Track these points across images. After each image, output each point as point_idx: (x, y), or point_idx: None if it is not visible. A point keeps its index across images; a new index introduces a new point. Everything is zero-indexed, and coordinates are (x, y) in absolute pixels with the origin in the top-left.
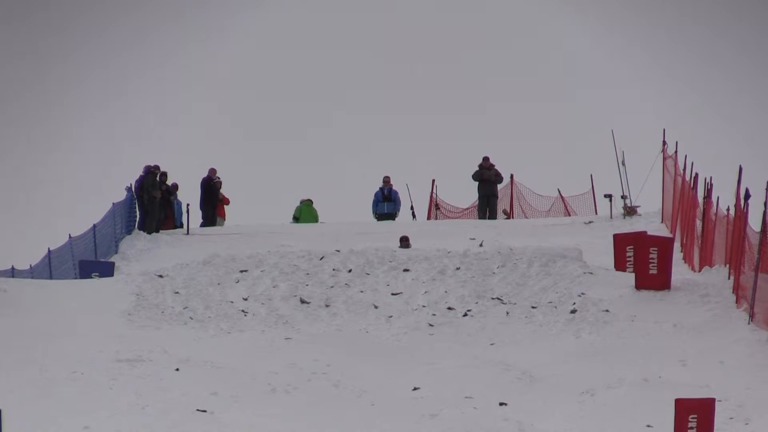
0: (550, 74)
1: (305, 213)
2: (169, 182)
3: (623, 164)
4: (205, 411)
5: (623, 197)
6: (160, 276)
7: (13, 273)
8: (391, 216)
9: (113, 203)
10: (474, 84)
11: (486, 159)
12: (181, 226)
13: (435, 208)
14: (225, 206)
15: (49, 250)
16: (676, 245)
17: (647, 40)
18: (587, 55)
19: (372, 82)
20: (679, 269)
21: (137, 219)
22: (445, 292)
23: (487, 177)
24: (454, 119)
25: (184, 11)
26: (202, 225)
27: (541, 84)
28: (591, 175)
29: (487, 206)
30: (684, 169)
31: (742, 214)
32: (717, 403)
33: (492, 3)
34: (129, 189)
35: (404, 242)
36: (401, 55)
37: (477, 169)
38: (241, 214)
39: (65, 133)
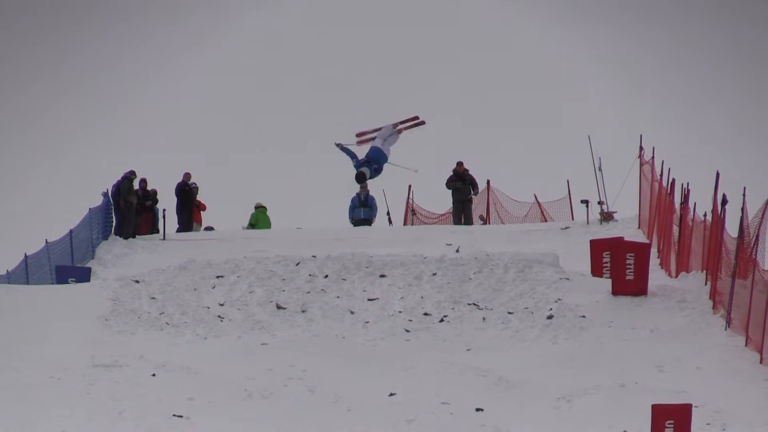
0: (528, 80)
1: (261, 220)
2: (149, 188)
3: (600, 170)
4: (181, 416)
5: (600, 203)
6: (137, 281)
7: None
8: (368, 221)
9: (90, 208)
10: (449, 90)
11: (460, 164)
12: (158, 231)
13: (411, 214)
14: (201, 212)
15: (25, 256)
16: (653, 251)
17: (623, 46)
18: (563, 60)
19: (346, 86)
20: (656, 275)
21: (114, 224)
22: (422, 297)
23: (459, 189)
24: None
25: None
26: (179, 230)
27: (519, 90)
28: (567, 181)
29: (462, 212)
30: (661, 175)
31: (719, 220)
32: (694, 409)
33: (467, 12)
34: (105, 194)
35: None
36: (376, 60)
37: (451, 173)
38: (219, 220)
39: (42, 138)
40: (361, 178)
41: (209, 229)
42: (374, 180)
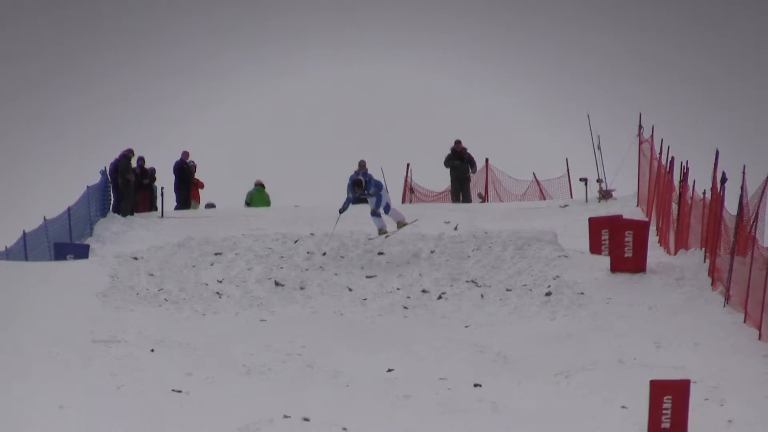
0: (527, 57)
1: (256, 198)
2: (147, 166)
3: (599, 148)
4: (180, 392)
5: (599, 181)
6: (135, 258)
7: None
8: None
9: (88, 186)
10: (450, 68)
11: (458, 142)
12: (156, 209)
13: (409, 192)
14: (200, 189)
15: (24, 233)
16: (652, 229)
17: (624, 22)
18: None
19: (347, 65)
20: (655, 252)
21: (112, 202)
22: (420, 275)
23: (457, 167)
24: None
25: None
26: (177, 209)
27: (518, 67)
28: (566, 159)
29: (460, 190)
30: (660, 153)
31: (718, 198)
32: (692, 385)
33: None
34: (103, 172)
35: (357, 188)
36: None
37: (449, 152)
38: (218, 198)
39: (40, 115)
40: (358, 184)
41: (211, 206)
42: (372, 157)
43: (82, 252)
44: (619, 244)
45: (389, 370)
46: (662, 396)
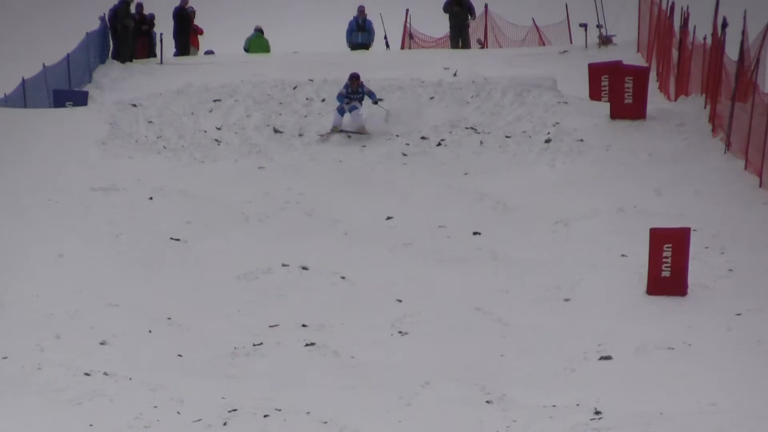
0: None
1: (254, 44)
2: (146, 12)
3: None
4: (178, 239)
5: (598, 27)
6: (134, 105)
7: None
8: (365, 46)
9: (87, 33)
10: None
11: None
12: (155, 56)
13: (409, 38)
14: (199, 36)
15: (23, 80)
16: (652, 75)
17: None
18: None
19: None
20: (655, 99)
21: (111, 48)
22: (419, 121)
23: (456, 13)
24: None
25: None
26: (176, 55)
27: None
28: (566, 5)
29: (459, 36)
30: None
31: (719, 43)
32: (692, 233)
33: None
34: (102, 18)
35: (355, 80)
36: None
37: None
38: (217, 45)
39: None
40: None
41: (209, 53)
42: (371, 4)
43: (80, 99)
44: (619, 90)
45: (388, 218)
46: (662, 244)
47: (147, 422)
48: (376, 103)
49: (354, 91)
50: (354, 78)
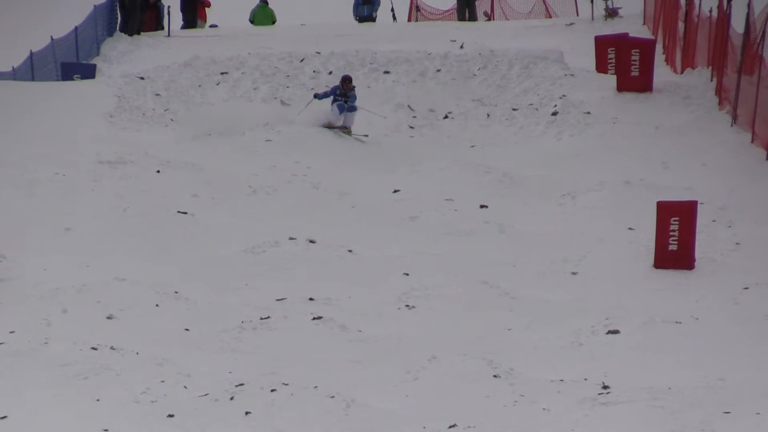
0: None
1: (259, 15)
2: None
3: None
4: (185, 213)
5: None
6: (141, 78)
7: None
8: (371, 18)
9: (95, 6)
10: None
11: None
12: (163, 28)
13: (415, 10)
14: (206, 9)
15: (31, 52)
16: (658, 47)
17: None
18: None
19: None
20: (661, 71)
21: (118, 21)
22: (426, 93)
23: None
24: None
25: None
26: (183, 28)
27: None
28: None
29: (466, 8)
30: None
31: (725, 16)
32: (699, 206)
33: None
34: None
35: (347, 83)
36: None
37: None
38: (225, 17)
39: None
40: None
41: (214, 26)
42: None
43: (88, 72)
44: (625, 63)
45: (395, 191)
46: (669, 217)
47: (154, 397)
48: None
49: (343, 94)
50: (346, 80)
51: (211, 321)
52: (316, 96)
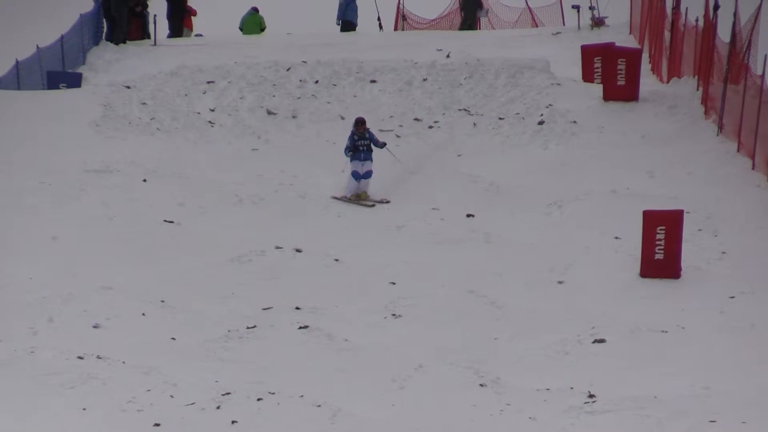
0: None
1: (249, 22)
2: None
3: None
4: (172, 221)
5: (591, 8)
6: (128, 87)
7: None
8: (353, 27)
9: (81, 14)
10: None
11: None
12: (149, 37)
13: (402, 19)
14: (192, 17)
15: (17, 61)
16: (645, 56)
17: None
18: None
19: None
20: (648, 80)
21: (105, 30)
22: (412, 103)
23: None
24: None
25: None
26: (169, 37)
27: None
28: None
29: (472, 18)
30: None
31: (711, 25)
32: (685, 215)
33: None
34: (96, 0)
35: (360, 125)
36: None
37: None
38: (212, 26)
39: None
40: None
41: (199, 36)
42: None
43: (74, 81)
44: (611, 72)
45: (382, 201)
46: (655, 226)
47: (140, 406)
48: (382, 147)
49: (361, 137)
50: (359, 123)
51: (197, 330)
52: (346, 153)
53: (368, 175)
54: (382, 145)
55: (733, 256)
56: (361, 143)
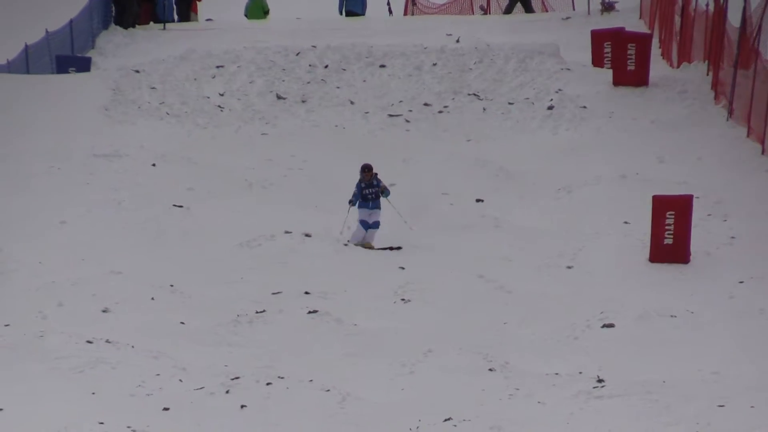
0: None
1: (252, 9)
2: None
3: None
4: (181, 206)
5: None
6: (137, 71)
7: None
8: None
9: None
10: None
11: None
12: (170, 20)
13: (412, 4)
14: (198, 2)
15: (26, 45)
16: (655, 41)
17: None
18: None
19: None
20: (658, 65)
21: (114, 14)
22: (422, 87)
23: None
24: None
25: None
26: (177, 21)
27: None
28: None
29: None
30: None
31: (721, 10)
32: (695, 200)
33: None
34: None
35: (368, 172)
36: None
37: None
38: (219, 10)
39: None
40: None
41: (209, 20)
42: None
43: (84, 65)
44: (621, 57)
45: (391, 185)
46: (665, 211)
47: (149, 390)
48: (387, 197)
49: (368, 185)
50: (365, 170)
51: (206, 314)
52: (351, 203)
53: (376, 225)
54: (387, 194)
55: (743, 241)
56: (369, 192)
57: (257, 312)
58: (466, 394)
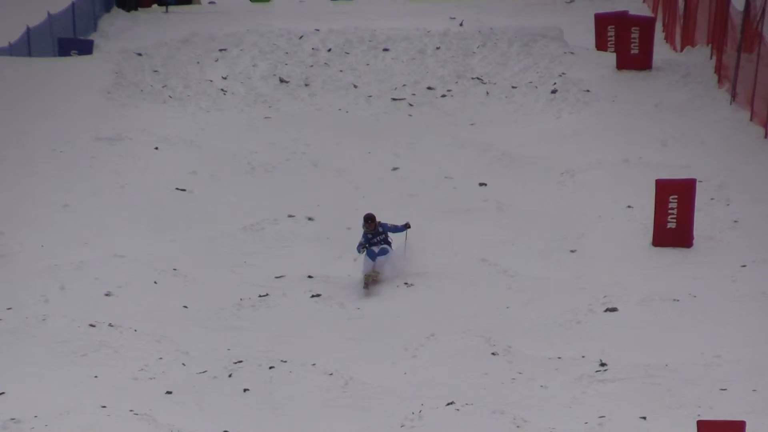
0: None
1: None
2: None
3: None
4: (184, 190)
5: None
6: (139, 54)
7: None
8: None
9: None
10: None
11: None
12: (173, 3)
13: None
14: None
15: (28, 28)
16: (658, 25)
17: None
18: None
19: None
20: (661, 49)
21: None
22: (425, 71)
23: None
24: None
25: None
26: (178, 3)
27: None
28: None
29: None
30: None
31: None
32: (698, 184)
33: None
34: None
35: (370, 223)
36: None
37: None
38: None
39: None
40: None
41: (212, 3)
42: None
43: (86, 48)
44: (625, 40)
45: (394, 169)
46: (668, 195)
47: (152, 374)
48: (405, 230)
49: (374, 235)
50: (367, 221)
51: (209, 298)
52: (359, 251)
53: (384, 252)
54: (404, 227)
55: (745, 225)
56: (376, 239)
57: (260, 296)
58: (469, 378)
